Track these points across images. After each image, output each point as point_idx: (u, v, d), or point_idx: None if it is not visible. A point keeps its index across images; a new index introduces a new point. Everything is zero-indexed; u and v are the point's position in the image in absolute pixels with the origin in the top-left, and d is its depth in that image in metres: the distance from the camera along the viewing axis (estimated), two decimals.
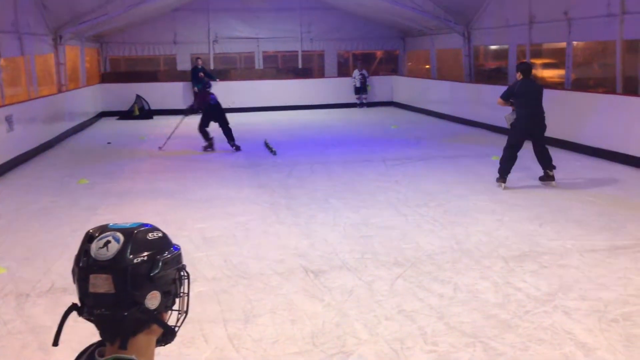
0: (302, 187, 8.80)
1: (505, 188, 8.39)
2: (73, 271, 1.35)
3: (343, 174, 9.62)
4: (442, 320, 4.35)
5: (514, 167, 8.50)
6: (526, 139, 8.51)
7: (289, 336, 4.18)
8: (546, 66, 14.81)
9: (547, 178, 8.60)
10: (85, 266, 1.32)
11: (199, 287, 5.03)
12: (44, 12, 13.65)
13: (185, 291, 1.45)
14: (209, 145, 12.26)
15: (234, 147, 12.14)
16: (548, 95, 12.39)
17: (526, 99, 8.40)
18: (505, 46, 15.43)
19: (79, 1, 14.53)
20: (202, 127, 12.18)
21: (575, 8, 12.13)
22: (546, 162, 8.56)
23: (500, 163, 8.57)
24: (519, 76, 8.56)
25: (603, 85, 12.65)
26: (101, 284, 1.30)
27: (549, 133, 11.72)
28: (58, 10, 14.13)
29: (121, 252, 1.31)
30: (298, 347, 4.04)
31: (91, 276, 1.30)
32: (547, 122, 8.45)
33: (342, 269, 5.46)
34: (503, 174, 8.51)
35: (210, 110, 12.13)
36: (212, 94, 12.53)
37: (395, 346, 3.99)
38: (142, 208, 7.79)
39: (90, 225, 1.45)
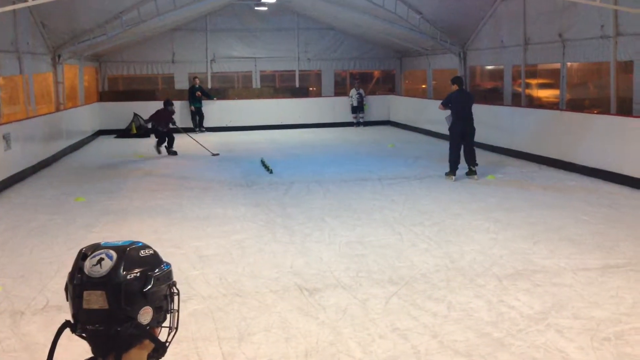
0: (298, 205, 8.84)
1: (454, 180, 10.41)
2: (66, 288, 1.39)
3: (339, 193, 9.67)
4: (435, 338, 4.37)
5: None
6: (461, 140, 10.51)
7: (283, 354, 4.20)
8: (541, 86, 14.95)
9: (470, 173, 10.68)
10: (79, 283, 1.35)
11: (194, 305, 5.05)
12: (43, 31, 13.78)
13: (176, 308, 1.49)
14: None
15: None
16: (543, 116, 12.59)
17: (460, 105, 10.48)
18: (501, 66, 15.59)
19: (78, 21, 14.67)
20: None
21: (570, 30, 12.29)
22: (471, 160, 10.63)
23: (449, 162, 10.62)
24: (454, 87, 10.68)
25: (598, 105, 12.77)
26: (95, 300, 1.33)
27: (544, 152, 11.96)
28: (57, 30, 14.27)
29: (114, 269, 1.35)
30: None
31: (85, 293, 1.34)
32: (542, 141, 9.07)
33: (336, 287, 5.48)
34: (453, 169, 10.59)
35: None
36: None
37: None
38: (138, 226, 7.81)
39: (86, 243, 1.49)
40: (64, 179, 11.49)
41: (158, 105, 19.32)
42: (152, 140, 17.80)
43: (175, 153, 14.41)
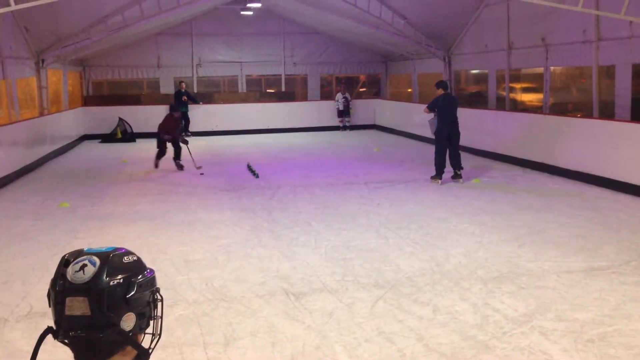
0: (285, 210, 8.83)
1: (440, 184, 10.45)
2: (49, 295, 1.39)
3: (325, 197, 9.68)
4: (421, 341, 4.39)
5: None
6: (447, 144, 10.57)
7: (269, 359, 4.19)
8: (525, 90, 15.10)
9: (455, 176, 10.71)
10: (61, 289, 1.35)
11: (180, 311, 5.03)
12: (26, 35, 13.67)
13: (159, 314, 1.48)
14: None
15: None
16: (527, 119, 12.70)
17: (446, 109, 10.57)
18: (485, 71, 15.71)
19: (61, 25, 14.57)
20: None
21: (552, 34, 12.43)
22: (456, 164, 10.68)
23: (435, 166, 10.66)
24: (440, 91, 10.70)
25: (581, 109, 12.92)
26: (77, 306, 1.33)
27: (528, 156, 12.05)
28: (40, 34, 14.16)
29: (97, 275, 1.35)
30: None
31: (67, 299, 1.34)
32: (526, 145, 9.10)
33: (322, 291, 5.49)
34: (439, 173, 10.63)
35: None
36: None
37: None
38: (123, 231, 7.77)
39: (70, 249, 1.48)
40: (47, 184, 11.39)
41: (143, 110, 19.42)
42: (138, 145, 17.74)
43: (181, 167, 12.70)
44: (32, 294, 5.46)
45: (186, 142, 12.75)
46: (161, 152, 12.66)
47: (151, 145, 17.07)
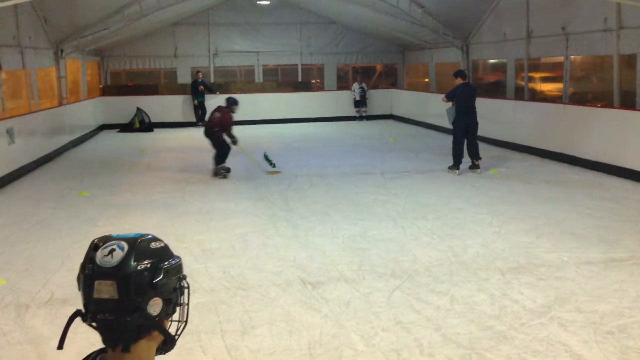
0: (301, 199, 8.85)
1: (458, 174, 10.38)
2: (78, 278, 1.42)
3: (342, 187, 9.67)
4: (438, 331, 4.38)
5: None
6: (465, 134, 10.52)
7: (286, 347, 4.21)
8: (544, 80, 14.91)
9: (473, 167, 10.66)
10: (90, 273, 1.38)
11: (198, 299, 5.07)
12: (45, 26, 13.77)
13: (185, 301, 1.50)
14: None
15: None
16: (546, 109, 12.57)
17: (464, 99, 10.48)
18: (504, 60, 15.54)
19: (80, 15, 14.66)
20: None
21: (573, 23, 12.24)
22: (474, 154, 10.63)
23: (453, 156, 10.59)
24: (458, 81, 10.62)
25: (601, 99, 12.74)
26: (105, 289, 1.36)
27: (547, 146, 11.94)
28: (59, 24, 14.26)
29: (125, 260, 1.37)
30: (295, 358, 4.07)
31: (96, 282, 1.36)
32: (545, 135, 8.96)
33: (339, 280, 5.50)
34: (456, 164, 10.57)
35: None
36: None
37: (391, 357, 4.02)
38: (141, 220, 7.83)
39: (90, 237, 1.50)
40: (66, 173, 11.50)
41: (161, 100, 19.52)
42: (155, 134, 17.83)
43: (225, 173, 10.78)
44: (52, 281, 5.54)
45: (236, 142, 10.78)
46: (223, 154, 10.70)
47: (168, 135, 17.23)
